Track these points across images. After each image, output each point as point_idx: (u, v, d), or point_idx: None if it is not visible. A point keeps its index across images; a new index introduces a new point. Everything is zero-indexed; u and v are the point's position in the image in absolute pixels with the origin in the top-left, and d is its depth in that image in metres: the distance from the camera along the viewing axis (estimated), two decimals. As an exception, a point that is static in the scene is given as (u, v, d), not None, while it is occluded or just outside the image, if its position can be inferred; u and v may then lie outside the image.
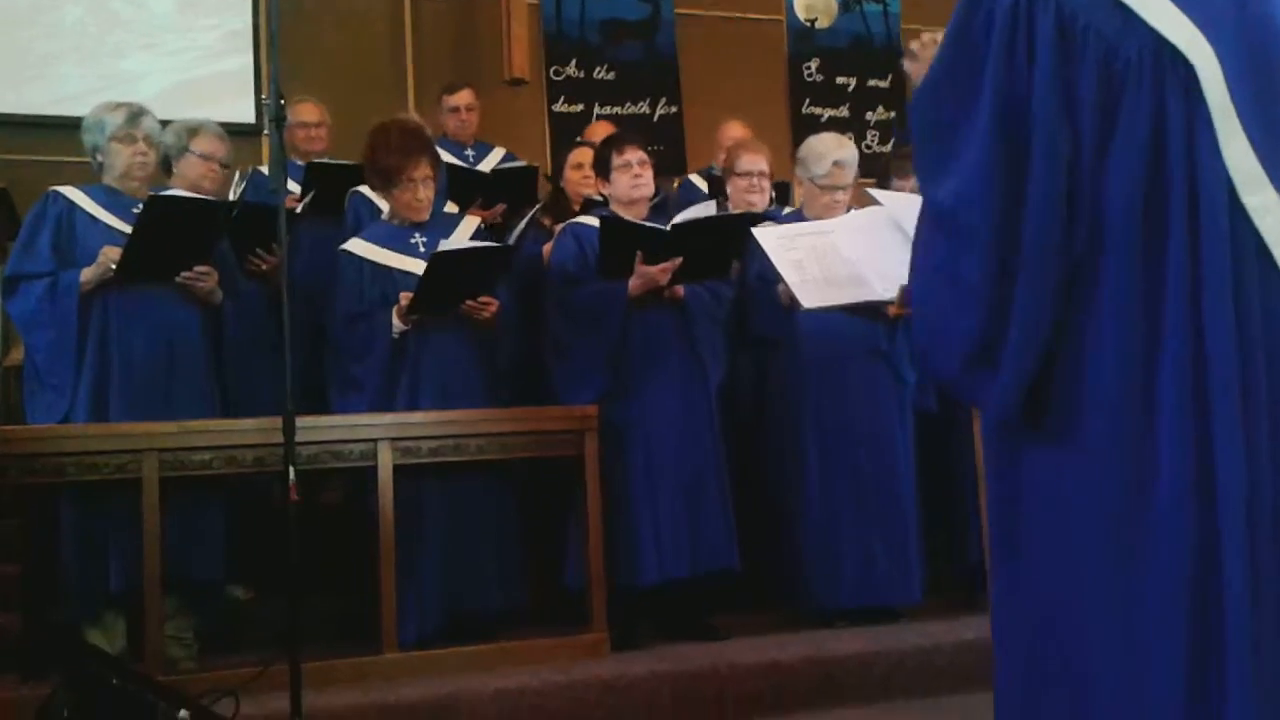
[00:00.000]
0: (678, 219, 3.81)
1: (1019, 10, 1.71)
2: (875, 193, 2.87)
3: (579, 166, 4.73)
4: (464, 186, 4.74)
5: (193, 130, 4.04)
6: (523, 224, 3.99)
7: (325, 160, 4.71)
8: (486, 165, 5.35)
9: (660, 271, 3.78)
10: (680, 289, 3.90)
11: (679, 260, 3.77)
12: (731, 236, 3.87)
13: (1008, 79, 1.71)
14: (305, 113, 4.99)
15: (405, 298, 3.64)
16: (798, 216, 4.25)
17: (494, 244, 3.81)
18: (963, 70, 1.77)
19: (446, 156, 4.74)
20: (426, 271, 3.60)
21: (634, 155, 3.96)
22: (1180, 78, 1.69)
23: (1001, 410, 1.77)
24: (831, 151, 4.16)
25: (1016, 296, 1.70)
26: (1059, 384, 1.73)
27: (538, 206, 4.46)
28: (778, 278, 3.55)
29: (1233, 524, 1.62)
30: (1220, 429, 1.64)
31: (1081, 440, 1.71)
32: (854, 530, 4.01)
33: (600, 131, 5.01)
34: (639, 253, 3.77)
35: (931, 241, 1.82)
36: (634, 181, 3.93)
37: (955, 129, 1.77)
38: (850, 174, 4.17)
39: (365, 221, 4.27)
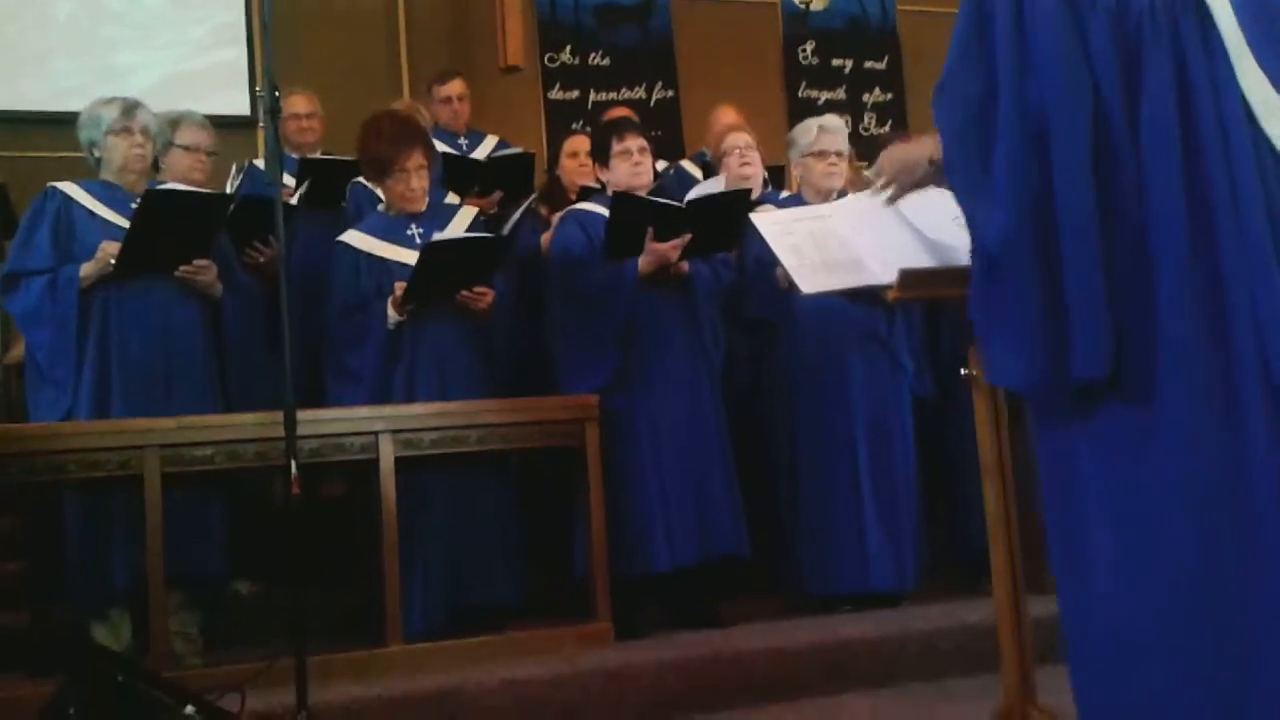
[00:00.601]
0: (692, 194, 3.81)
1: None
2: (869, 174, 2.86)
3: (575, 155, 4.72)
4: (460, 175, 4.73)
5: (174, 123, 4.01)
6: (518, 214, 3.98)
7: (319, 156, 4.70)
8: (480, 153, 5.34)
9: (671, 248, 3.77)
10: (685, 265, 3.89)
11: (689, 237, 3.77)
12: (739, 212, 3.87)
13: (1018, 68, 1.71)
14: (297, 104, 4.98)
15: (400, 288, 3.63)
16: (797, 200, 4.24)
17: (488, 234, 3.80)
18: (974, 60, 1.78)
19: (441, 146, 4.73)
20: (419, 262, 3.59)
21: (634, 142, 3.95)
22: (1194, 16, 1.71)
23: (1091, 374, 1.70)
24: (815, 120, 4.26)
25: (1067, 285, 1.67)
26: (1130, 358, 1.69)
27: (533, 196, 4.45)
28: (776, 262, 3.55)
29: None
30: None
31: (1159, 410, 1.67)
32: (850, 517, 4.00)
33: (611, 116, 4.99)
34: (649, 230, 3.76)
35: (985, 284, 1.80)
36: (634, 169, 3.92)
37: (979, 130, 1.77)
38: (840, 140, 4.21)
39: (366, 212, 4.26)
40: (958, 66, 1.82)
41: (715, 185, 3.95)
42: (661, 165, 4.22)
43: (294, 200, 4.38)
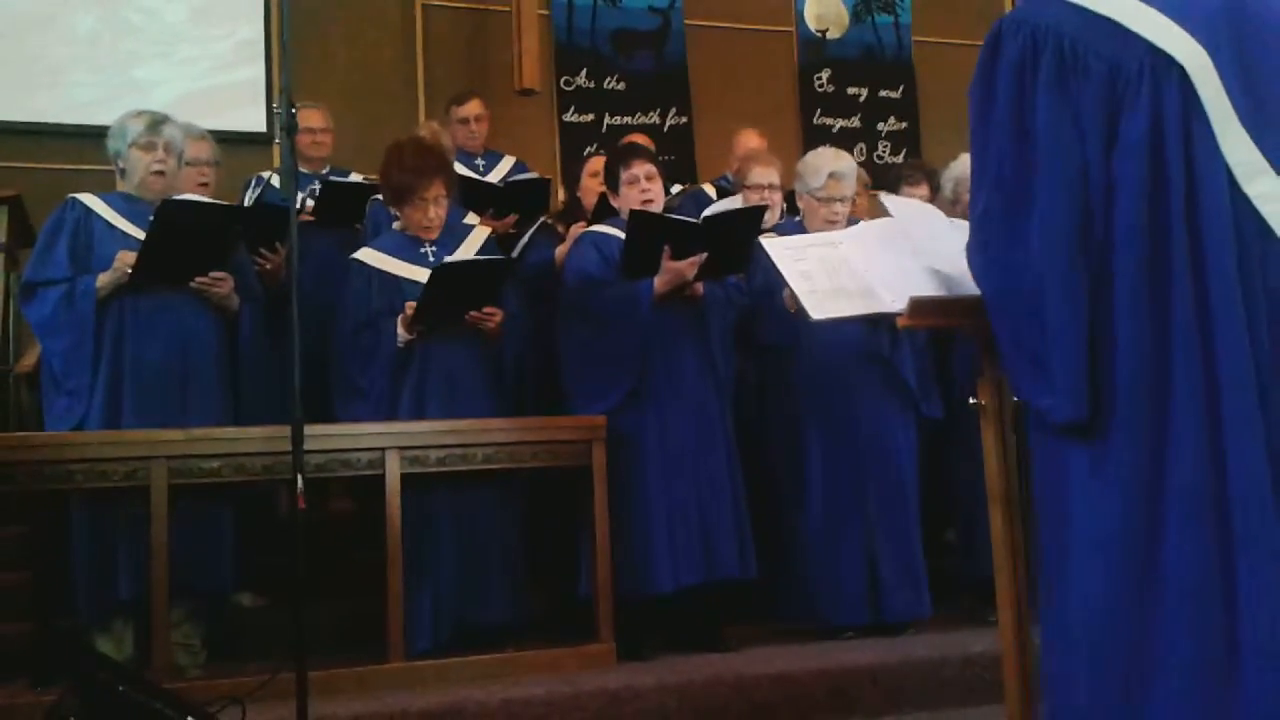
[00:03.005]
0: (708, 211, 3.82)
1: (1024, 58, 1.83)
2: (885, 198, 2.87)
3: (596, 174, 4.73)
4: (475, 198, 4.75)
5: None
6: (527, 236, 4.00)
7: (340, 179, 4.73)
8: (497, 174, 5.36)
9: (688, 266, 3.78)
10: (700, 286, 3.90)
11: (705, 255, 3.78)
12: (754, 230, 3.88)
13: (1017, 131, 1.84)
14: (310, 118, 5.02)
15: (410, 308, 3.64)
16: (794, 226, 4.24)
17: (495, 257, 3.81)
18: (982, 117, 1.91)
19: (458, 167, 4.76)
20: (428, 284, 3.61)
21: (641, 169, 3.97)
22: (1175, 81, 1.79)
23: (1069, 414, 1.84)
24: (827, 164, 4.16)
25: (1049, 317, 1.80)
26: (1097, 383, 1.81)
27: (542, 219, 4.47)
28: (784, 285, 3.55)
29: (1246, 517, 1.65)
30: (1231, 423, 1.70)
31: (1104, 437, 1.79)
32: (855, 543, 4.00)
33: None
34: (666, 249, 3.77)
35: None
36: (641, 196, 3.93)
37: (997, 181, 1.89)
38: (847, 186, 4.16)
39: (384, 230, 4.29)
40: (977, 131, 1.94)
41: (733, 203, 3.96)
42: (676, 189, 4.22)
43: (305, 209, 4.40)
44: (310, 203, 4.55)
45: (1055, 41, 1.82)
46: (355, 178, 4.97)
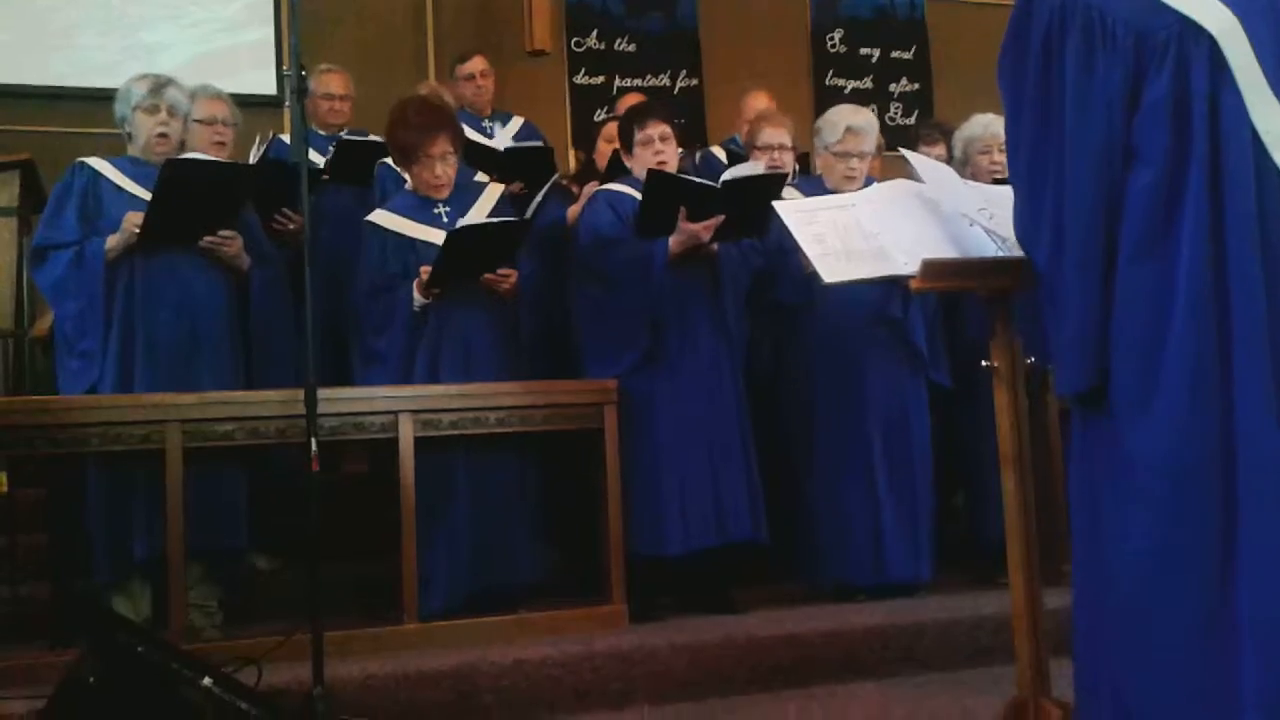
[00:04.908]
0: (726, 175, 3.80)
1: (1051, 30, 1.82)
2: (907, 153, 2.85)
3: (611, 140, 4.71)
4: (479, 163, 4.73)
5: (190, 97, 4.00)
6: (539, 197, 3.98)
7: (351, 137, 4.71)
8: (505, 134, 5.33)
9: (704, 229, 3.77)
10: (715, 245, 3.88)
11: (722, 218, 3.76)
12: (773, 196, 3.86)
13: (1044, 104, 1.84)
14: (332, 83, 4.98)
15: (425, 271, 3.64)
16: (817, 184, 4.22)
17: (510, 219, 3.81)
18: (1013, 98, 1.92)
19: (465, 129, 4.73)
20: (443, 248, 3.61)
21: (656, 130, 3.95)
22: (1205, 51, 1.76)
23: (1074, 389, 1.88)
24: (845, 118, 4.15)
25: (1065, 287, 1.81)
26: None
27: (555, 177, 4.45)
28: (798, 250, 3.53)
29: (1254, 483, 1.66)
30: (1243, 391, 1.70)
31: (1113, 402, 1.80)
32: (865, 506, 4.00)
33: (630, 104, 4.99)
34: (682, 210, 3.75)
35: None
36: (656, 156, 3.91)
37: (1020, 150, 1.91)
38: (866, 141, 4.14)
39: (391, 193, 4.27)
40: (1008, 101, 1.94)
41: (753, 168, 3.94)
42: (680, 152, 4.20)
43: (322, 169, 4.38)
44: (326, 164, 4.53)
45: (1084, 12, 1.80)
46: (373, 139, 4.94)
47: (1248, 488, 1.68)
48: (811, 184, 4.27)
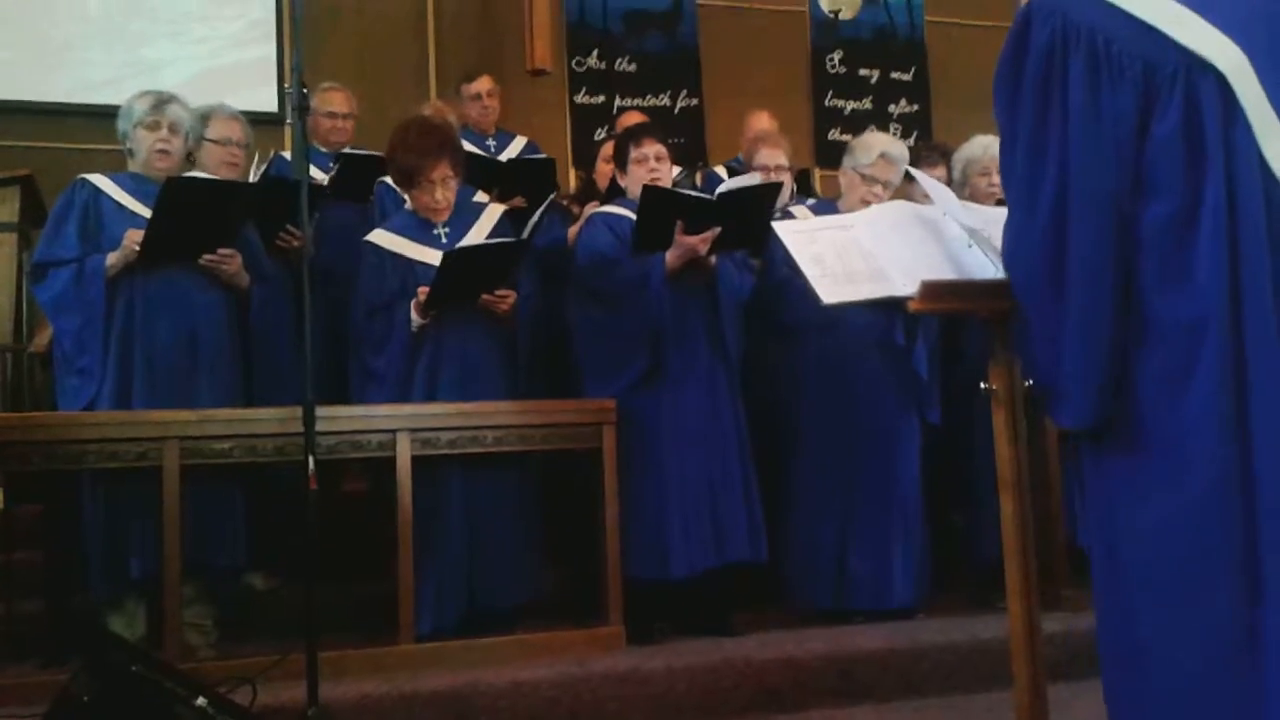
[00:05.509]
0: (723, 188, 3.81)
1: (1054, 47, 1.78)
2: (914, 171, 2.86)
3: (610, 160, 4.73)
4: (481, 176, 4.73)
5: (204, 116, 4.03)
6: (536, 216, 3.99)
7: (353, 151, 4.71)
8: (508, 154, 5.34)
9: (701, 241, 3.77)
10: (713, 259, 3.88)
11: (718, 230, 3.76)
12: (768, 207, 3.87)
13: (1039, 121, 1.80)
14: (335, 102, 4.96)
15: (423, 292, 3.64)
16: (828, 206, 4.23)
17: (507, 239, 3.81)
18: (1007, 114, 1.87)
19: (469, 146, 4.74)
20: (440, 270, 3.61)
21: (650, 149, 3.97)
22: (1213, 86, 1.74)
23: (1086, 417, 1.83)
24: (882, 144, 4.20)
25: (1067, 334, 1.78)
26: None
27: (552, 196, 4.46)
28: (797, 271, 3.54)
29: (1276, 513, 1.64)
30: (1261, 427, 1.67)
31: (1130, 441, 1.77)
32: (848, 528, 4.00)
33: (629, 122, 5.00)
34: (678, 224, 3.75)
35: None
36: (650, 175, 3.93)
37: (1013, 180, 1.88)
38: (895, 172, 4.16)
39: (390, 213, 4.27)
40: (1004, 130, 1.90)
41: (749, 179, 3.96)
42: (676, 170, 4.22)
43: (325, 185, 4.39)
44: (328, 180, 4.53)
45: (1089, 38, 1.77)
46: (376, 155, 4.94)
47: (1269, 517, 1.66)
48: (823, 206, 4.29)
